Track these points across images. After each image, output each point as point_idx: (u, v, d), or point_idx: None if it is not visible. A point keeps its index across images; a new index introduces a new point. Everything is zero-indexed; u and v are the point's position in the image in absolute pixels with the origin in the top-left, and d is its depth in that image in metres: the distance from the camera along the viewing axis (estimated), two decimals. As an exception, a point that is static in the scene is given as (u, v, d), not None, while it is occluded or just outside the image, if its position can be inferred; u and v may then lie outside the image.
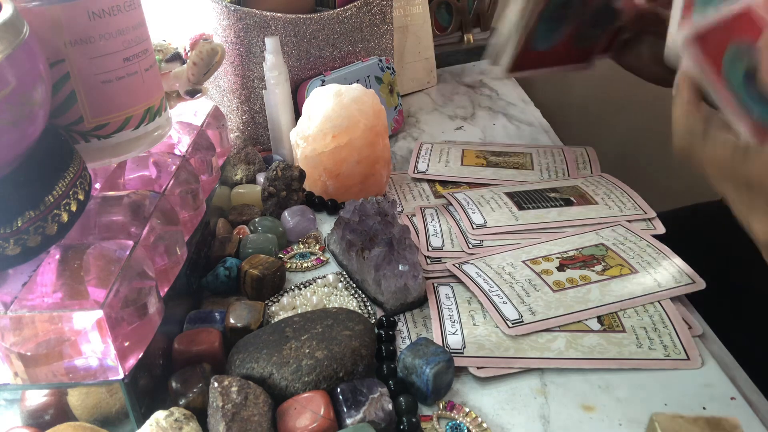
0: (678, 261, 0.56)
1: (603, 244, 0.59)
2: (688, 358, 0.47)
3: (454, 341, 0.49)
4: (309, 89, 0.77)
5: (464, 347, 0.48)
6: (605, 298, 0.52)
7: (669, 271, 0.54)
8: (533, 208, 0.65)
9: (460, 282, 0.55)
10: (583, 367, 0.46)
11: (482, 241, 0.61)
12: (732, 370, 0.46)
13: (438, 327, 0.50)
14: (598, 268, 0.55)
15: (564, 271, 0.55)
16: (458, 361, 0.46)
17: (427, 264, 0.58)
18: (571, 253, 0.57)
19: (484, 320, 0.51)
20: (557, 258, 0.57)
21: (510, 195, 0.67)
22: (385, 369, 0.45)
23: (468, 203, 0.66)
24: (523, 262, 0.57)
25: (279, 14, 0.74)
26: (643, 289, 0.52)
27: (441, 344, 0.48)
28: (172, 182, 0.50)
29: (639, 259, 0.56)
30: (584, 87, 1.44)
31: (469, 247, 0.60)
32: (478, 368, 0.46)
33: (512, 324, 0.49)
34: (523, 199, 0.66)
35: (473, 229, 0.62)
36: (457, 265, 0.57)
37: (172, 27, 0.72)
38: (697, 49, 0.43)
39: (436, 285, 0.55)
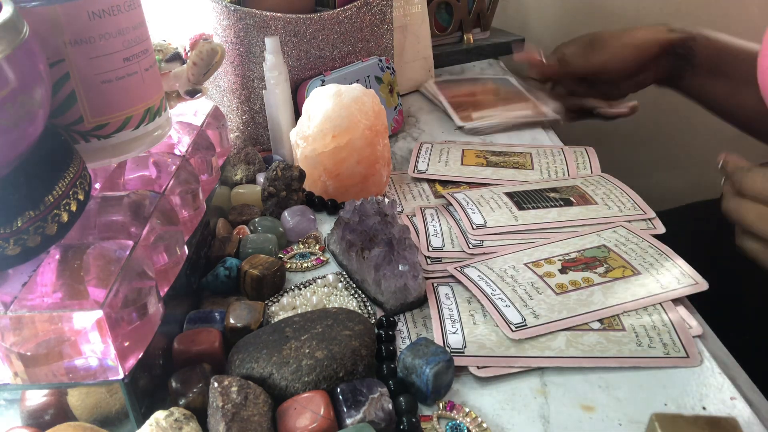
0: (680, 262, 0.56)
1: (605, 246, 0.58)
2: (688, 356, 0.46)
3: (454, 341, 0.49)
4: (309, 89, 0.77)
5: (465, 346, 0.48)
6: (608, 300, 0.51)
7: (672, 272, 0.54)
8: (533, 208, 0.65)
9: (460, 281, 0.55)
10: (583, 366, 0.46)
11: (482, 241, 0.61)
12: (732, 370, 0.46)
13: (438, 327, 0.50)
14: (601, 270, 0.55)
15: (566, 273, 0.55)
16: (459, 361, 0.46)
17: (428, 264, 0.58)
18: (572, 255, 0.57)
19: (484, 319, 0.51)
20: (559, 260, 0.57)
21: (510, 195, 0.67)
22: (385, 369, 0.45)
23: (468, 203, 0.66)
24: (525, 264, 0.56)
25: (279, 14, 0.74)
26: (646, 291, 0.52)
27: (442, 344, 0.48)
28: (172, 182, 0.50)
29: (641, 261, 0.56)
30: (584, 87, 1.43)
31: (469, 247, 0.60)
32: (479, 368, 0.46)
33: (515, 328, 0.49)
34: (522, 199, 0.66)
35: (473, 229, 0.62)
36: (458, 269, 0.56)
37: (172, 27, 0.71)
38: None
39: (435, 285, 0.55)
